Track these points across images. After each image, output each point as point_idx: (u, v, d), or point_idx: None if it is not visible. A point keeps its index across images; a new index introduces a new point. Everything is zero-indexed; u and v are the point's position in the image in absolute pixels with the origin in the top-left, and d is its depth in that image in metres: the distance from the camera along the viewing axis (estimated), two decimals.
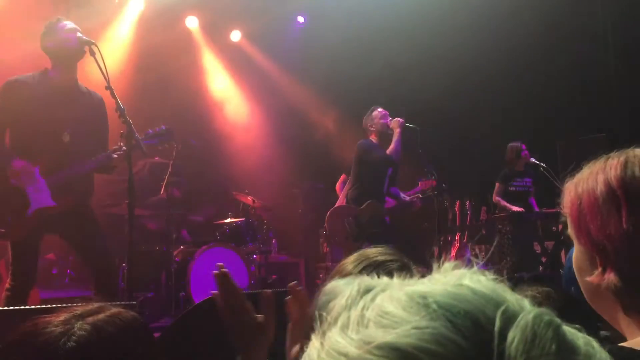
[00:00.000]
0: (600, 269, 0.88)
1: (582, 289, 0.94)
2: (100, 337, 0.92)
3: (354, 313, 0.47)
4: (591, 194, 0.87)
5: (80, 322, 0.93)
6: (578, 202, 0.89)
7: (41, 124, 3.55)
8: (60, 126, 3.62)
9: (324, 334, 0.48)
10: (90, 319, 0.94)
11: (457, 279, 0.47)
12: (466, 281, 0.46)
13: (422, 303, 0.44)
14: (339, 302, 0.51)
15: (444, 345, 0.41)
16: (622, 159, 0.87)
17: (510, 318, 0.42)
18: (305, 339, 0.99)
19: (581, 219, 0.89)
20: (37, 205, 3.46)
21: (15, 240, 3.49)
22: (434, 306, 0.43)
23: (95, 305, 1.00)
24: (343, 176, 6.54)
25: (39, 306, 2.99)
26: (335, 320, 0.48)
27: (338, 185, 6.63)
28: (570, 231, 0.93)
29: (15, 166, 3.43)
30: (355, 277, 0.56)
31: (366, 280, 0.53)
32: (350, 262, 1.31)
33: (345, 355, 0.44)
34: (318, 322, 0.52)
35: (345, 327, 0.47)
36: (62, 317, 0.94)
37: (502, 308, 0.43)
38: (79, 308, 0.98)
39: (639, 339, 0.86)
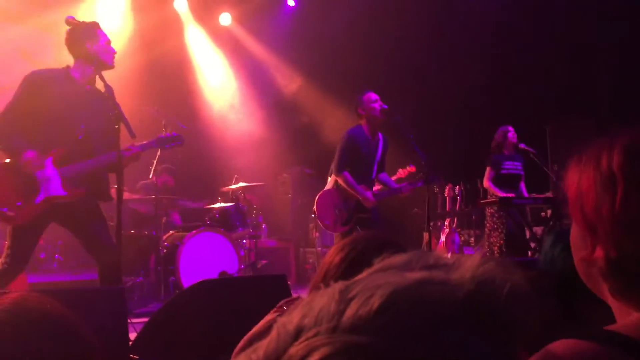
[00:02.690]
0: (590, 249, 0.88)
1: (576, 267, 0.95)
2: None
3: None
4: (591, 172, 0.87)
5: None
6: (578, 178, 0.89)
7: (58, 120, 3.61)
8: (76, 124, 3.68)
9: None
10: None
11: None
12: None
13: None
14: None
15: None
16: (628, 142, 0.87)
17: None
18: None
19: (578, 195, 0.89)
20: (46, 194, 3.52)
21: (20, 223, 3.52)
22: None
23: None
24: None
25: None
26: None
27: None
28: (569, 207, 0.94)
29: (26, 157, 3.47)
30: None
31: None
32: (334, 252, 1.29)
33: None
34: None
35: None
36: None
37: None
38: None
39: (623, 322, 0.87)
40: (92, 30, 3.77)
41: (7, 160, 3.55)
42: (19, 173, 3.50)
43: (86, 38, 3.72)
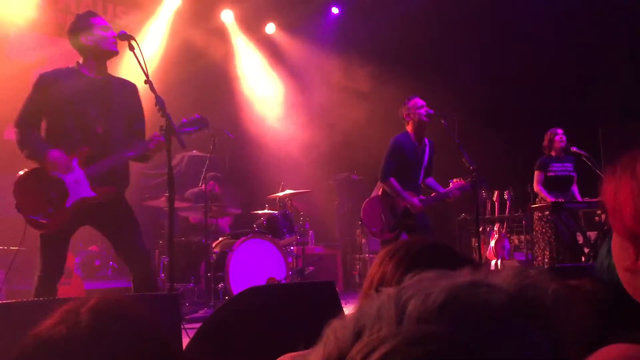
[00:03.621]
0: (633, 258, 0.86)
1: (619, 276, 0.94)
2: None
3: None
4: (627, 182, 0.87)
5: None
6: (614, 188, 0.88)
7: (75, 117, 3.55)
8: (93, 119, 3.60)
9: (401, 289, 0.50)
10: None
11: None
12: None
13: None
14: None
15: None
16: None
17: None
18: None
19: (617, 205, 0.88)
20: (76, 197, 3.46)
21: (54, 230, 3.45)
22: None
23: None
24: None
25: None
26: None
27: None
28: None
29: (50, 156, 3.41)
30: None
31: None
32: (387, 256, 1.29)
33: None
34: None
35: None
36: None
37: None
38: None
39: None
40: (84, 21, 3.63)
41: (34, 168, 3.46)
42: (47, 179, 3.41)
43: (80, 32, 3.61)
